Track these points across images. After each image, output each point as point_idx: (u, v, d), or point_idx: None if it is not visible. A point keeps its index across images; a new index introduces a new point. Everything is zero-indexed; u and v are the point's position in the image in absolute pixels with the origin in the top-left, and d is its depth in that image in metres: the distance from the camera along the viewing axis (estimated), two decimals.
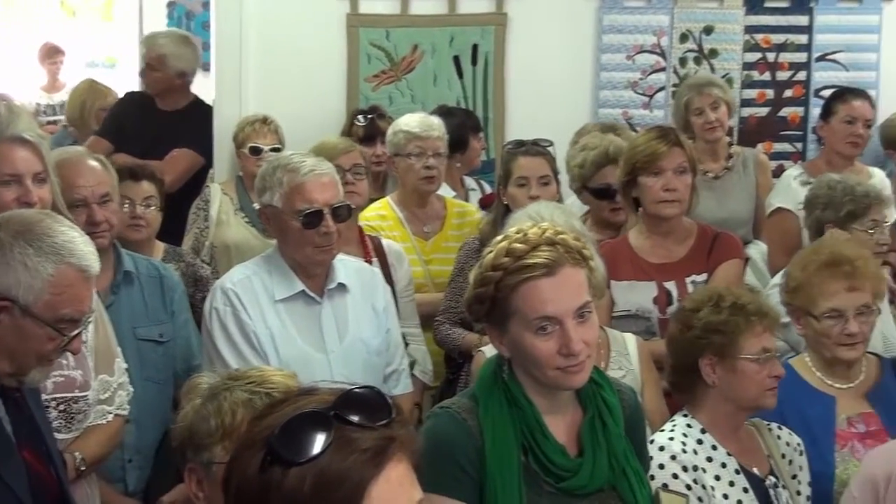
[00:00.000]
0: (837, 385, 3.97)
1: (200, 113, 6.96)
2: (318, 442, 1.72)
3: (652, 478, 3.36)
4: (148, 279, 4.28)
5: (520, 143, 5.37)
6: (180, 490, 3.72)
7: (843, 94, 6.38)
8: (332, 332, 4.15)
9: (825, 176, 5.35)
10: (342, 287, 4.21)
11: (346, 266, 4.28)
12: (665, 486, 3.37)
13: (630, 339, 4.18)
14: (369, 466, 1.72)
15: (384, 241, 5.02)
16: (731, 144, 6.49)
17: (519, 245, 2.79)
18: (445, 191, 6.26)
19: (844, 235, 4.84)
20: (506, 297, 2.79)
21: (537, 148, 5.28)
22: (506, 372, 2.90)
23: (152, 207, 5.11)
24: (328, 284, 4.18)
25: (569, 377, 2.80)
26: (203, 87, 7.35)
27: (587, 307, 2.80)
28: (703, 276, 4.68)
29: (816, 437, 3.78)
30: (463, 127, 6.56)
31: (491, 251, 2.85)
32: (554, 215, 4.00)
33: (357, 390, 1.80)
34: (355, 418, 1.75)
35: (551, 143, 5.44)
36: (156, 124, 6.85)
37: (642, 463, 3.05)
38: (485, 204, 6.13)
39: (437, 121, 5.70)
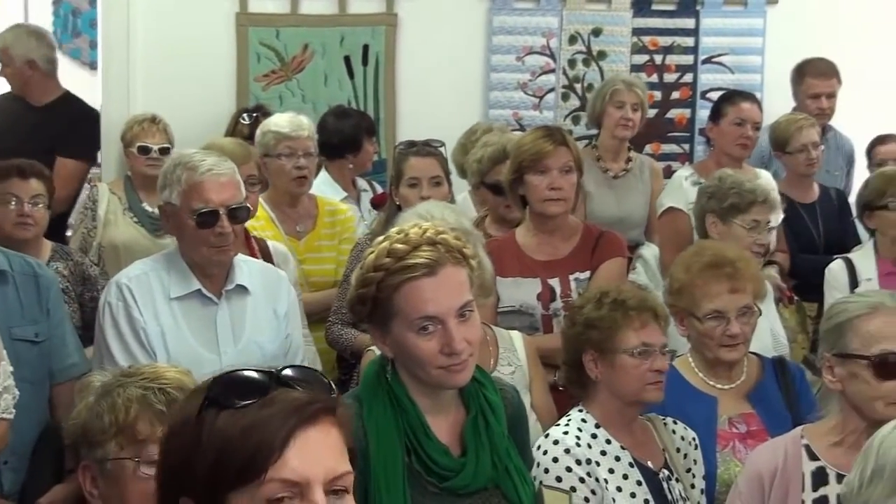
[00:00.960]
0: (719, 386, 4.01)
1: (72, 107, 6.86)
2: (255, 394, 1.84)
3: (546, 471, 3.41)
4: (22, 277, 4.17)
5: (411, 144, 5.39)
6: (57, 491, 3.69)
7: (732, 96, 6.47)
8: (226, 334, 4.11)
9: (719, 171, 5.43)
10: (242, 289, 4.17)
11: (251, 268, 4.25)
12: (558, 479, 3.39)
13: (516, 336, 4.21)
14: (296, 420, 1.81)
15: (270, 243, 4.99)
16: (630, 149, 6.56)
17: (400, 245, 2.79)
18: (336, 192, 6.26)
19: (722, 227, 4.91)
20: (387, 298, 2.79)
21: (428, 148, 5.30)
22: (389, 372, 2.90)
23: (40, 206, 5.04)
24: (227, 285, 4.14)
25: (451, 376, 2.80)
26: (90, 85, 7.26)
27: (469, 306, 2.80)
28: (587, 274, 4.74)
29: (698, 437, 3.80)
30: (357, 128, 6.57)
31: (372, 252, 2.84)
32: (444, 214, 4.01)
33: (299, 366, 1.94)
34: (293, 382, 1.87)
35: (443, 144, 5.46)
36: (28, 121, 6.73)
37: (525, 461, 3.07)
38: (376, 204, 6.14)
39: (306, 120, 5.67)
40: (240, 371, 1.88)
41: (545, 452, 3.46)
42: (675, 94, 7.78)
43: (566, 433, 3.52)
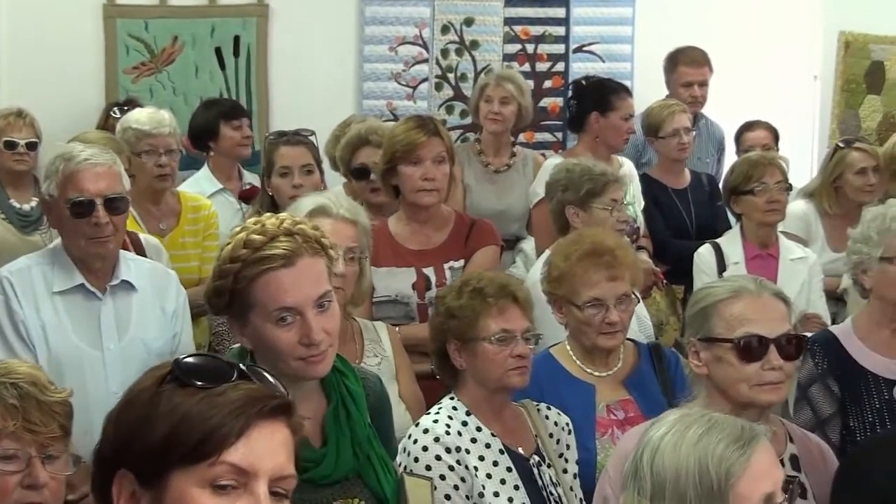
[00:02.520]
0: (597, 373, 4.02)
1: None
2: (219, 378, 1.88)
3: (416, 460, 3.40)
4: None
5: (281, 134, 5.37)
6: None
7: (620, 90, 6.48)
8: (110, 330, 4.05)
9: (562, 161, 5.50)
10: (128, 285, 4.10)
11: (139, 266, 4.20)
12: (428, 467, 3.38)
13: (381, 327, 4.21)
14: (257, 411, 1.85)
15: (142, 236, 4.92)
16: (514, 144, 6.59)
17: (257, 236, 2.76)
18: (213, 185, 6.17)
19: (584, 215, 4.96)
20: (245, 289, 2.76)
21: (298, 137, 5.29)
22: (248, 364, 2.87)
23: None
24: (111, 280, 4.07)
25: (311, 367, 2.78)
26: None
27: (328, 296, 2.78)
28: (461, 262, 4.76)
29: (577, 424, 3.81)
30: (212, 115, 6.44)
31: (229, 243, 2.81)
32: (340, 199, 4.03)
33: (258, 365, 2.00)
34: (253, 375, 1.92)
35: (313, 133, 5.44)
36: None
37: (388, 449, 3.07)
38: (244, 197, 6.07)
39: (168, 116, 5.57)
40: (205, 354, 1.94)
41: (415, 441, 3.45)
42: (548, 83, 7.85)
43: (436, 421, 3.51)
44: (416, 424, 3.54)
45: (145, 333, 4.10)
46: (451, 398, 3.63)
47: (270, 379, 1.94)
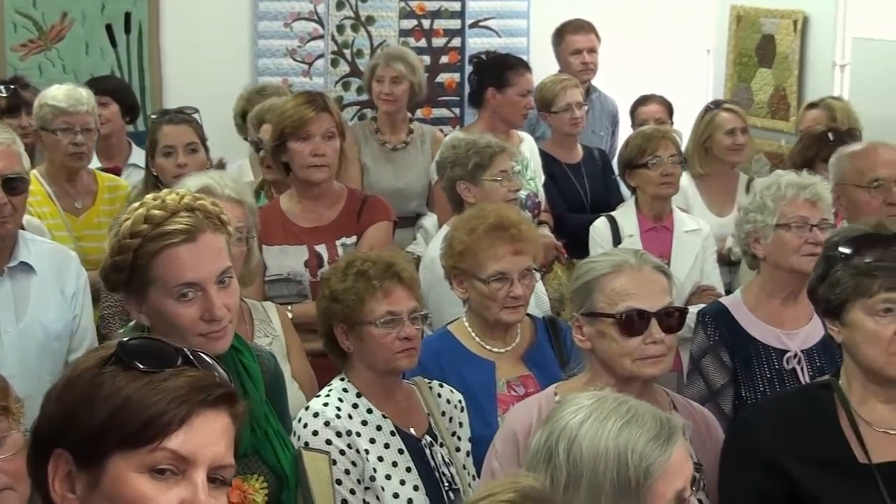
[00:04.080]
0: (496, 349, 4.01)
1: None
2: (163, 362, 1.87)
3: (306, 444, 3.35)
4: None
5: (164, 112, 5.33)
6: None
7: (518, 66, 6.50)
8: (7, 312, 3.99)
9: (448, 138, 5.51)
10: (27, 267, 4.04)
11: (38, 246, 4.14)
12: (307, 444, 3.35)
13: (270, 307, 4.19)
14: (201, 399, 1.86)
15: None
16: (411, 121, 6.57)
17: (157, 211, 2.73)
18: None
19: (476, 189, 4.96)
20: (145, 265, 2.73)
21: (182, 115, 5.22)
22: (193, 350, 2.83)
23: None
24: (10, 262, 4.01)
25: (211, 343, 2.75)
26: None
27: (228, 272, 2.78)
28: (354, 239, 4.75)
29: (479, 401, 3.82)
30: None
31: (128, 218, 2.77)
32: (225, 179, 4.00)
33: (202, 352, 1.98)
34: (198, 362, 1.91)
35: (196, 111, 5.37)
36: None
37: (285, 425, 3.05)
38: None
39: (86, 94, 5.47)
40: (151, 338, 1.95)
41: (305, 425, 3.42)
42: (444, 59, 7.83)
43: (326, 405, 3.48)
44: (307, 408, 3.50)
45: (44, 316, 4.05)
46: (342, 380, 3.59)
47: (214, 365, 1.94)
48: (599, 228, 5.59)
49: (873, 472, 2.80)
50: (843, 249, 2.88)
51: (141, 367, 1.85)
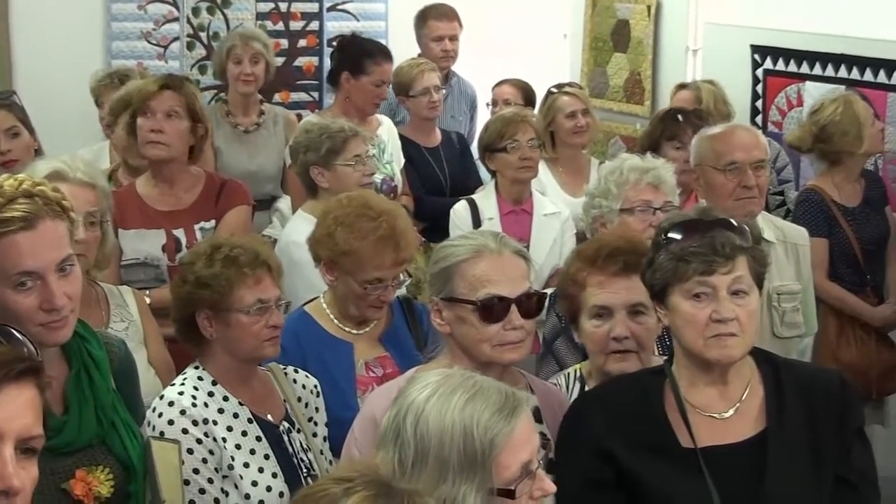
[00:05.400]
0: (354, 331, 4.00)
1: None
2: None
3: (161, 434, 3.31)
4: None
5: None
6: None
7: (376, 55, 6.45)
8: None
9: (301, 123, 5.49)
10: None
11: None
12: (162, 433, 3.30)
13: (127, 291, 4.12)
14: (3, 374, 1.88)
15: None
16: (262, 102, 6.51)
17: None
18: None
19: (329, 174, 4.94)
20: None
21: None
22: None
23: None
24: None
25: (52, 333, 2.69)
26: None
27: (69, 260, 2.70)
28: (212, 223, 4.72)
29: (338, 383, 3.81)
30: None
31: None
32: (77, 162, 3.92)
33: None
34: (5, 335, 2.01)
35: (12, 93, 5.29)
36: None
37: (135, 415, 3.00)
38: None
39: None
40: None
41: (160, 414, 3.37)
42: (302, 42, 7.78)
43: (181, 393, 3.43)
44: (161, 397, 3.44)
45: None
46: (196, 367, 3.54)
47: (20, 338, 1.97)
48: (459, 212, 5.62)
49: (697, 457, 2.85)
50: (667, 235, 2.91)
51: None
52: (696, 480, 2.85)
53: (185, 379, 3.51)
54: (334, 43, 7.40)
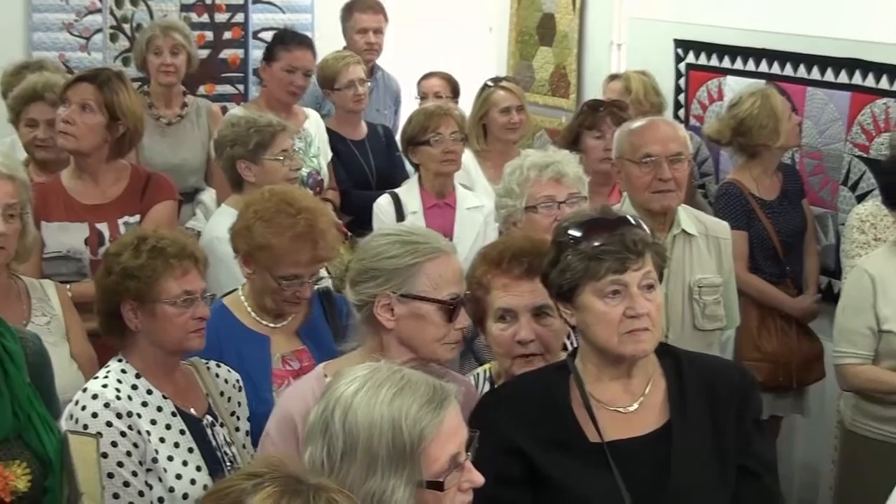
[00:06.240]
0: (271, 324, 4.01)
1: None
2: None
3: (85, 427, 3.28)
4: None
5: None
6: None
7: (287, 40, 6.47)
8: None
9: (226, 116, 5.47)
10: None
11: None
12: (99, 434, 3.27)
13: (49, 285, 4.10)
14: None
15: None
16: (185, 94, 6.47)
17: None
18: None
19: (256, 168, 4.92)
20: None
21: None
22: None
23: None
24: None
25: None
26: None
27: None
28: (137, 218, 4.70)
29: (253, 377, 3.80)
30: None
31: None
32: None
33: None
34: None
35: None
36: None
37: (51, 408, 2.99)
38: None
39: None
40: None
41: (83, 408, 3.34)
42: (227, 35, 7.75)
43: (105, 386, 3.40)
44: (84, 390, 3.42)
45: None
46: (120, 360, 3.52)
47: None
48: (383, 205, 5.62)
49: (605, 451, 2.88)
50: (572, 234, 2.93)
51: None
52: (605, 474, 2.88)
53: (108, 372, 3.49)
54: (260, 35, 7.40)
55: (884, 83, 5.64)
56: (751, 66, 6.34)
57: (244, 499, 2.00)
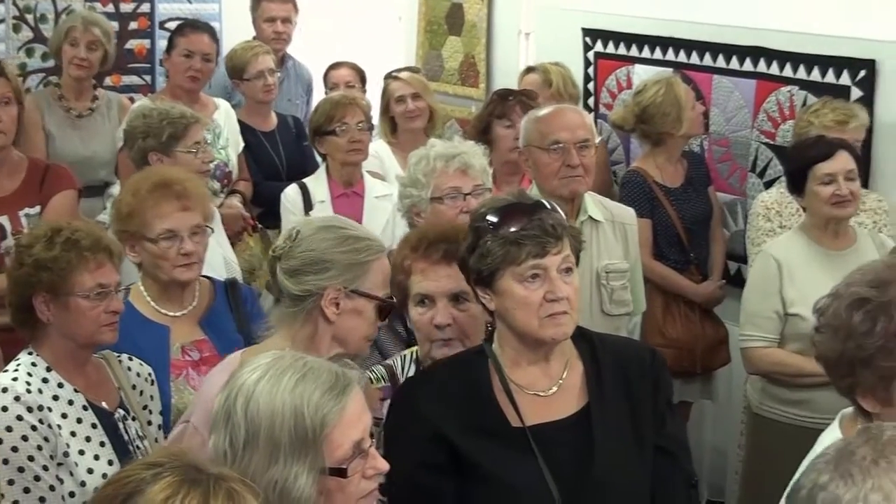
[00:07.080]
0: (171, 313, 3.97)
1: None
2: None
3: None
4: None
5: None
6: None
7: (183, 27, 6.45)
8: None
9: (136, 107, 5.41)
10: None
11: None
12: (9, 428, 3.24)
13: None
14: None
15: None
16: (96, 87, 6.39)
17: None
18: None
19: (168, 160, 4.87)
20: None
21: None
22: None
23: None
24: None
25: None
26: None
27: None
28: (37, 209, 4.66)
29: (152, 368, 3.75)
30: None
31: None
32: None
33: None
34: None
35: None
36: None
37: None
38: None
39: None
40: None
41: None
42: (134, 25, 7.66)
43: (15, 380, 3.37)
44: None
45: None
46: (30, 353, 3.49)
47: None
48: (291, 195, 5.61)
49: (527, 435, 2.90)
50: (490, 219, 2.94)
51: None
52: (528, 459, 2.89)
53: (18, 365, 3.45)
54: (166, 25, 7.32)
55: (787, 71, 5.74)
56: (658, 54, 6.40)
57: (143, 488, 1.99)
